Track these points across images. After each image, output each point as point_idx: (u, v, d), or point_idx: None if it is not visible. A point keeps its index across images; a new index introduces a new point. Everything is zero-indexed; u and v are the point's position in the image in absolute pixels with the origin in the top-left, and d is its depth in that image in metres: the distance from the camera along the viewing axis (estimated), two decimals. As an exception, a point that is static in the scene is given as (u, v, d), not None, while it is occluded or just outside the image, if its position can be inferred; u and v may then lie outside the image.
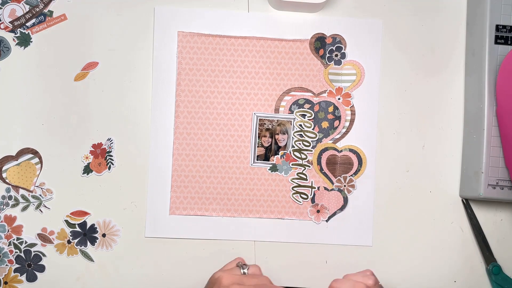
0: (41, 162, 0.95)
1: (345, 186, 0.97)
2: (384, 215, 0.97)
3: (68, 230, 0.95)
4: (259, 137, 0.96)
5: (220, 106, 0.96)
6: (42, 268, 0.95)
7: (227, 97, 0.96)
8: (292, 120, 0.97)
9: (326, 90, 0.97)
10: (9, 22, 0.95)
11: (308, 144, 0.97)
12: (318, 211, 0.97)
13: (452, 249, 0.97)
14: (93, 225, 0.95)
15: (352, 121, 0.97)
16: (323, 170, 0.97)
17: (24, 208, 0.95)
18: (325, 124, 0.97)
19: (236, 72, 0.96)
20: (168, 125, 0.96)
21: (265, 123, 0.96)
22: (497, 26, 0.92)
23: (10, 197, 0.95)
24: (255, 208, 0.96)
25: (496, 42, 0.92)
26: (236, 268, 0.90)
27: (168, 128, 0.96)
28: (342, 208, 0.97)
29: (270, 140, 0.96)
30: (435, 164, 0.98)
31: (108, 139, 0.95)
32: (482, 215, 0.97)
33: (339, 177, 0.97)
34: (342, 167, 0.97)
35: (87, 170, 0.95)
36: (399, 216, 0.97)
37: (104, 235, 0.95)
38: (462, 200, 0.97)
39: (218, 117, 0.96)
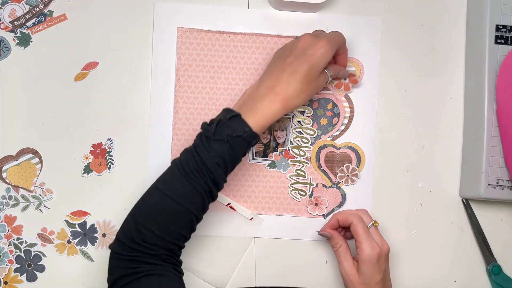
0: (41, 162, 0.95)
1: (348, 176, 0.97)
2: (383, 214, 0.96)
3: (68, 230, 0.95)
4: (258, 133, 0.96)
5: (219, 102, 0.96)
6: (42, 268, 0.95)
7: (226, 93, 0.96)
8: (291, 116, 0.97)
9: (325, 87, 0.97)
10: (9, 22, 0.95)
11: (306, 141, 0.96)
12: (316, 204, 0.97)
13: (452, 249, 0.97)
14: (93, 225, 0.95)
15: (351, 118, 0.97)
16: (321, 167, 0.97)
17: (24, 208, 0.95)
18: (323, 121, 0.97)
19: (235, 69, 0.96)
20: (167, 121, 0.96)
21: (264, 119, 0.96)
22: (497, 26, 0.92)
23: (10, 197, 0.95)
24: (253, 204, 0.96)
25: (496, 42, 0.92)
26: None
27: (167, 123, 0.96)
28: (340, 205, 0.97)
29: (268, 136, 0.96)
30: (435, 164, 0.98)
31: (108, 139, 0.96)
32: (482, 215, 0.97)
33: (338, 172, 0.97)
34: (341, 164, 0.97)
35: (87, 170, 0.95)
36: (399, 216, 0.97)
37: (104, 235, 0.95)
38: (462, 200, 0.97)
39: (217, 113, 0.95)
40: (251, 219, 0.96)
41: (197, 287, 0.96)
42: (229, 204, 0.96)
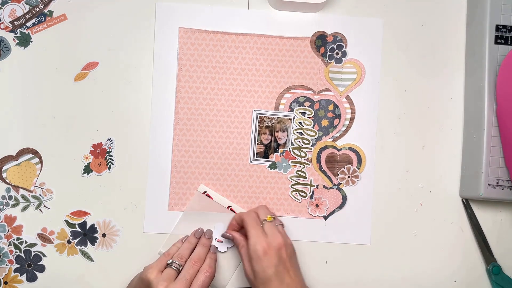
0: (41, 162, 0.95)
1: (349, 177, 0.97)
2: (383, 215, 0.97)
3: (68, 230, 0.95)
4: (258, 134, 0.96)
5: (220, 103, 0.96)
6: (42, 268, 0.95)
7: (227, 94, 0.96)
8: (292, 118, 0.97)
9: (327, 88, 0.97)
10: (9, 22, 0.95)
11: (307, 142, 0.97)
12: (317, 205, 0.97)
13: (452, 249, 0.97)
14: (93, 225, 0.95)
15: (352, 120, 0.97)
16: (322, 168, 0.97)
17: (24, 208, 0.95)
18: (325, 122, 0.97)
19: (236, 69, 0.96)
20: (168, 121, 0.96)
21: (265, 121, 0.96)
22: (497, 26, 0.92)
23: (10, 197, 0.95)
24: (254, 205, 0.96)
25: (496, 42, 0.92)
26: (168, 269, 0.88)
27: (167, 124, 0.96)
28: (340, 207, 0.97)
29: (269, 137, 0.97)
30: (435, 164, 0.98)
31: (108, 139, 0.95)
32: (482, 215, 0.97)
33: (339, 173, 0.97)
34: (342, 165, 0.97)
35: (87, 170, 0.95)
36: (399, 216, 0.97)
37: (104, 235, 0.95)
38: (462, 200, 0.97)
39: (218, 113, 0.96)
40: None
41: None
42: (229, 206, 0.96)
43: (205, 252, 0.91)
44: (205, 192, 0.96)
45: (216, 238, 0.95)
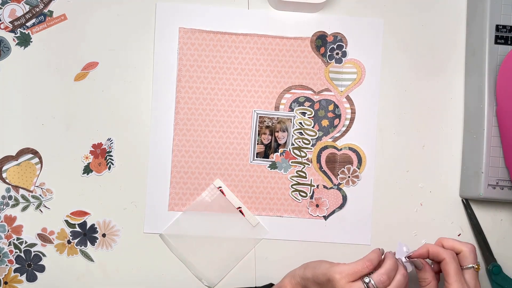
0: (41, 162, 0.95)
1: (349, 177, 0.97)
2: (383, 215, 0.97)
3: (68, 230, 0.95)
4: (259, 134, 0.96)
5: (220, 103, 0.96)
6: (42, 268, 0.95)
7: (228, 94, 0.96)
8: (292, 118, 0.97)
9: (327, 88, 0.97)
10: (9, 22, 0.95)
11: (307, 142, 0.97)
12: (317, 205, 0.97)
13: (452, 249, 0.97)
14: (93, 225, 0.95)
15: (352, 120, 0.97)
16: (322, 168, 0.97)
17: (24, 208, 0.95)
18: (325, 122, 0.97)
19: (236, 69, 0.96)
20: (168, 121, 0.96)
21: (265, 121, 0.96)
22: (497, 26, 0.92)
23: (10, 197, 0.95)
24: (254, 205, 0.96)
25: (496, 42, 0.92)
26: (360, 285, 0.80)
27: (168, 124, 0.96)
28: (341, 207, 0.97)
29: (270, 137, 0.97)
30: (435, 164, 0.98)
31: (108, 139, 0.95)
32: (482, 215, 0.97)
33: (339, 173, 0.97)
34: (342, 165, 0.97)
35: (87, 170, 0.95)
36: (399, 216, 0.97)
37: (104, 235, 0.95)
38: (462, 200, 0.97)
39: (218, 114, 0.96)
40: (254, 226, 0.96)
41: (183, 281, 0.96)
42: (239, 208, 0.96)
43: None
44: (220, 187, 0.96)
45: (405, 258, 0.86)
